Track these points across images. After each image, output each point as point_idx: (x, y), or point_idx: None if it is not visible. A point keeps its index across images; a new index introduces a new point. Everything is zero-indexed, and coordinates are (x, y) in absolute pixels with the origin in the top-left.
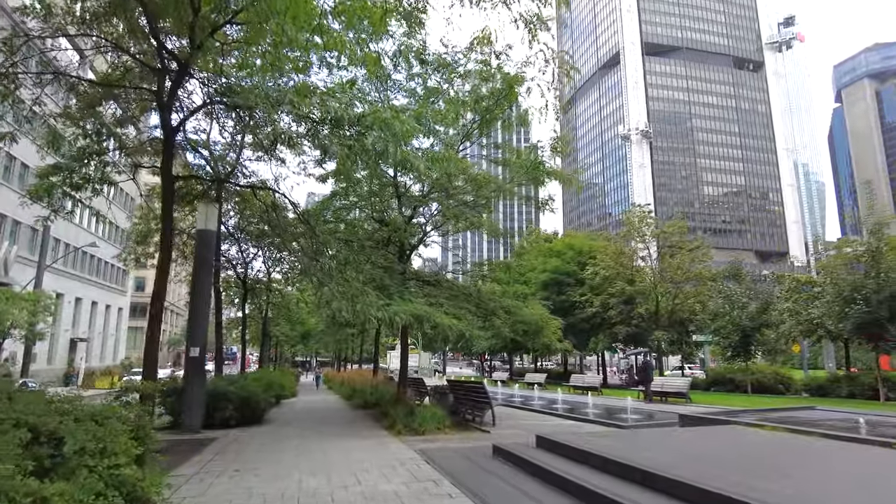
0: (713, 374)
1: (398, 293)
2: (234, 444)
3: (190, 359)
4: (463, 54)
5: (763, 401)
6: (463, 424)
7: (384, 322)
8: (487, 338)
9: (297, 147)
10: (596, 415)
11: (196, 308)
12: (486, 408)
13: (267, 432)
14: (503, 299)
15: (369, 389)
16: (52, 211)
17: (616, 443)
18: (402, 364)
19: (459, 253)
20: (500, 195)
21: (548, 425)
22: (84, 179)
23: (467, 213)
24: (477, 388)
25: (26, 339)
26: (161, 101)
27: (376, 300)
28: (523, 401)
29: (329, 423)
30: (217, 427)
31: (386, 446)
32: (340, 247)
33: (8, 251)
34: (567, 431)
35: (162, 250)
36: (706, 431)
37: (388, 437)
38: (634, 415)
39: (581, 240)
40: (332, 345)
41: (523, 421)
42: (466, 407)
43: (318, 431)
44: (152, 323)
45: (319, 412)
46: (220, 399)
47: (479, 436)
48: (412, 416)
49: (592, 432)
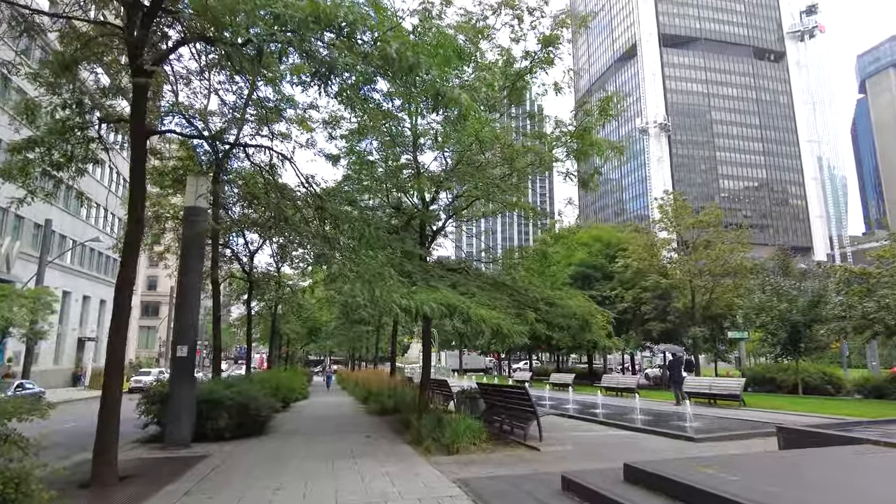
0: (751, 374)
1: (423, 280)
2: (224, 464)
3: (177, 359)
4: (492, 9)
5: (829, 404)
6: (500, 437)
7: (409, 313)
8: (523, 333)
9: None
10: (648, 422)
11: (184, 299)
12: (530, 418)
13: (267, 447)
14: (541, 289)
15: (387, 392)
16: (29, 192)
17: (742, 478)
18: (425, 364)
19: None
20: (538, 168)
21: (600, 437)
22: (65, 157)
23: (500, 190)
24: (517, 393)
25: (27, 338)
26: (131, 37)
27: (399, 285)
28: (555, 404)
29: (342, 434)
30: (210, 439)
31: (414, 471)
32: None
33: (10, 247)
34: (658, 457)
35: (131, 221)
36: (838, 455)
37: (415, 456)
38: (694, 422)
39: (609, 231)
40: (346, 343)
41: (571, 432)
42: (503, 416)
43: (329, 446)
44: (119, 313)
45: (331, 419)
46: (214, 406)
47: (527, 455)
48: (441, 428)
49: (696, 458)
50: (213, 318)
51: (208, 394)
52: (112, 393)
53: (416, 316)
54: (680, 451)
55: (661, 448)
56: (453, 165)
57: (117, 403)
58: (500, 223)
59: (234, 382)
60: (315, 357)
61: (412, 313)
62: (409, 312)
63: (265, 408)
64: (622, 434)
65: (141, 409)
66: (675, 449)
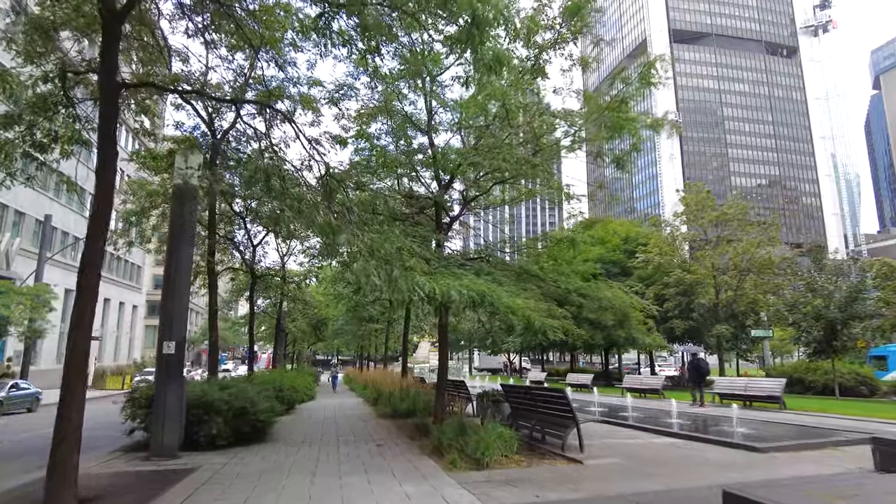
0: (777, 374)
1: (443, 266)
2: (212, 482)
3: (163, 357)
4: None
5: (877, 408)
6: (532, 447)
7: (433, 300)
8: (555, 328)
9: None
10: (689, 427)
11: (172, 289)
12: (568, 426)
13: (267, 459)
14: (572, 280)
15: (399, 394)
16: (8, 175)
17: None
18: (442, 363)
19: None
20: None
21: (645, 446)
22: (49, 136)
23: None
24: (553, 397)
25: (25, 337)
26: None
27: (421, 264)
28: (579, 406)
29: (351, 441)
30: (202, 447)
31: (441, 493)
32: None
33: (10, 243)
34: (730, 473)
35: (99, 188)
36: None
37: (438, 472)
38: (741, 427)
39: (626, 226)
40: (354, 342)
41: (609, 440)
42: (532, 422)
43: (336, 457)
44: (82, 301)
45: (338, 424)
46: (207, 410)
47: (571, 471)
48: (465, 436)
49: (806, 481)
50: (210, 313)
51: (200, 396)
52: (73, 398)
53: (440, 303)
54: (749, 465)
55: (727, 461)
56: (475, 144)
57: (79, 411)
58: (517, 213)
59: (232, 383)
60: (323, 357)
61: (436, 300)
62: (433, 300)
63: (265, 412)
64: (668, 442)
65: (126, 412)
66: (743, 463)
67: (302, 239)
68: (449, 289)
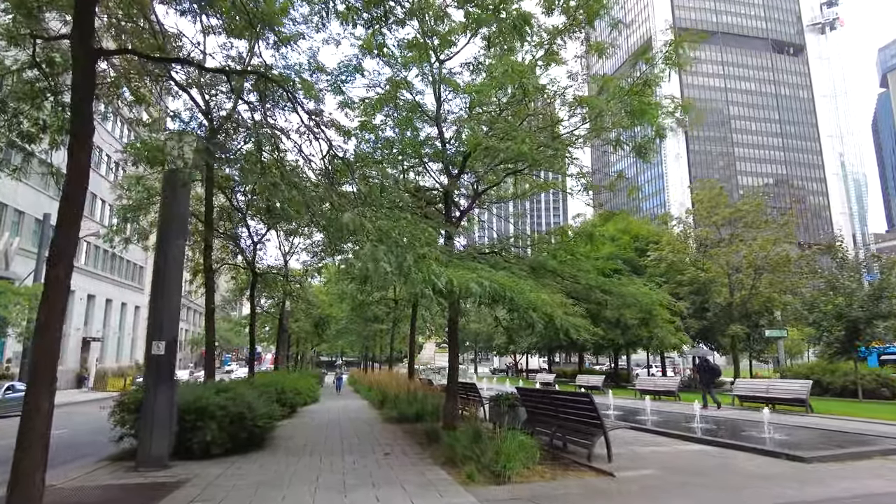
0: (792, 375)
1: (457, 257)
2: (202, 497)
3: (152, 358)
4: None
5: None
6: (553, 456)
7: (450, 294)
8: (578, 327)
9: None
10: (717, 433)
11: (163, 286)
12: (595, 433)
13: (265, 469)
14: (592, 275)
15: (406, 397)
16: None
17: None
18: (452, 364)
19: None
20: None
21: (677, 454)
22: (37, 126)
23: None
24: (578, 401)
25: (24, 338)
26: None
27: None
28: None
29: (356, 449)
30: (195, 456)
31: None
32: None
33: (9, 243)
34: (784, 488)
35: (71, 169)
36: None
37: (454, 487)
38: (777, 434)
39: (637, 224)
40: (358, 343)
41: (637, 447)
42: (552, 428)
43: (341, 467)
44: (52, 296)
45: (343, 428)
46: (200, 415)
47: (601, 484)
48: (481, 445)
49: (872, 499)
50: (206, 312)
51: (193, 401)
52: (38, 405)
53: (457, 297)
54: (799, 477)
55: (772, 473)
56: (487, 130)
57: (45, 419)
58: (521, 211)
59: (229, 387)
60: (327, 358)
61: (454, 294)
62: (451, 294)
63: (265, 416)
64: (697, 449)
65: (115, 418)
66: (791, 475)
67: (305, 235)
68: (468, 281)
